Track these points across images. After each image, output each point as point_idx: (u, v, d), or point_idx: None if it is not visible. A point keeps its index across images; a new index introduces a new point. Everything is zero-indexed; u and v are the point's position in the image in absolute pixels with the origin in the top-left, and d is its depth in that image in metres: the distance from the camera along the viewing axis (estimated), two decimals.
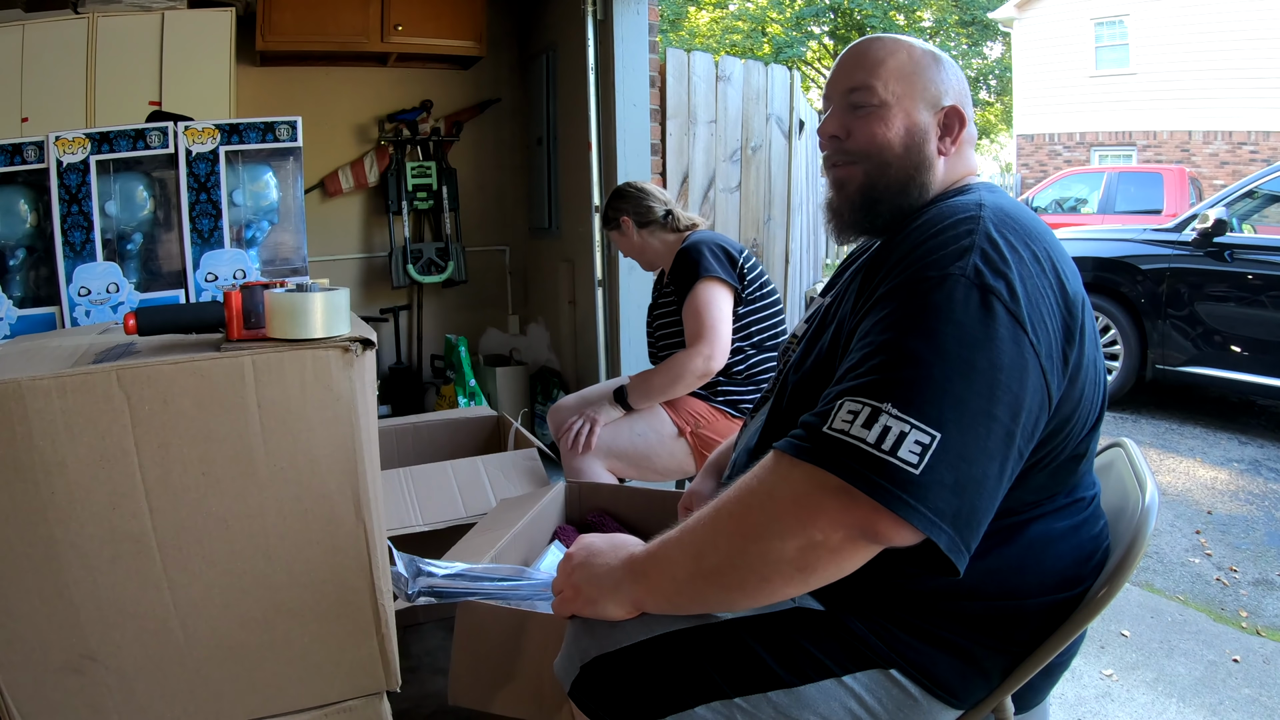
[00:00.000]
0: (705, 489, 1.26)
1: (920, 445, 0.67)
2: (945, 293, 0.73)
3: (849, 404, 0.71)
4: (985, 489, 0.69)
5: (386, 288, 3.73)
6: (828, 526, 0.70)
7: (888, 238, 0.89)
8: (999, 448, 0.70)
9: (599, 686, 0.85)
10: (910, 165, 0.93)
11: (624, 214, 2.08)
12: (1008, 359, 0.71)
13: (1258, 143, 10.50)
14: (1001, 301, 0.73)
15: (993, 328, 0.71)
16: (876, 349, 0.74)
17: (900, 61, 0.93)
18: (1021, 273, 0.75)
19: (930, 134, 0.93)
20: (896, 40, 0.96)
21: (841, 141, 0.95)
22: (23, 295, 2.17)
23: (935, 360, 0.70)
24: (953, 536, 0.68)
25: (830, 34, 17.51)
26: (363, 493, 1.06)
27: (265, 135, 2.34)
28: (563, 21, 3.24)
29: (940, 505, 0.67)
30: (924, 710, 0.83)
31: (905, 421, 0.68)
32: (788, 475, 0.73)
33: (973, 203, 0.83)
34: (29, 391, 0.91)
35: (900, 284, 0.77)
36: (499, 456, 1.99)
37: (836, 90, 0.97)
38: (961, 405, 0.69)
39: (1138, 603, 2.22)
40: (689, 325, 1.89)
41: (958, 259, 0.75)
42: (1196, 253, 3.86)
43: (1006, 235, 0.78)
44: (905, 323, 0.73)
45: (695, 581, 0.78)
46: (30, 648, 0.98)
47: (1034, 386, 0.73)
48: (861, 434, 0.69)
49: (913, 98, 0.93)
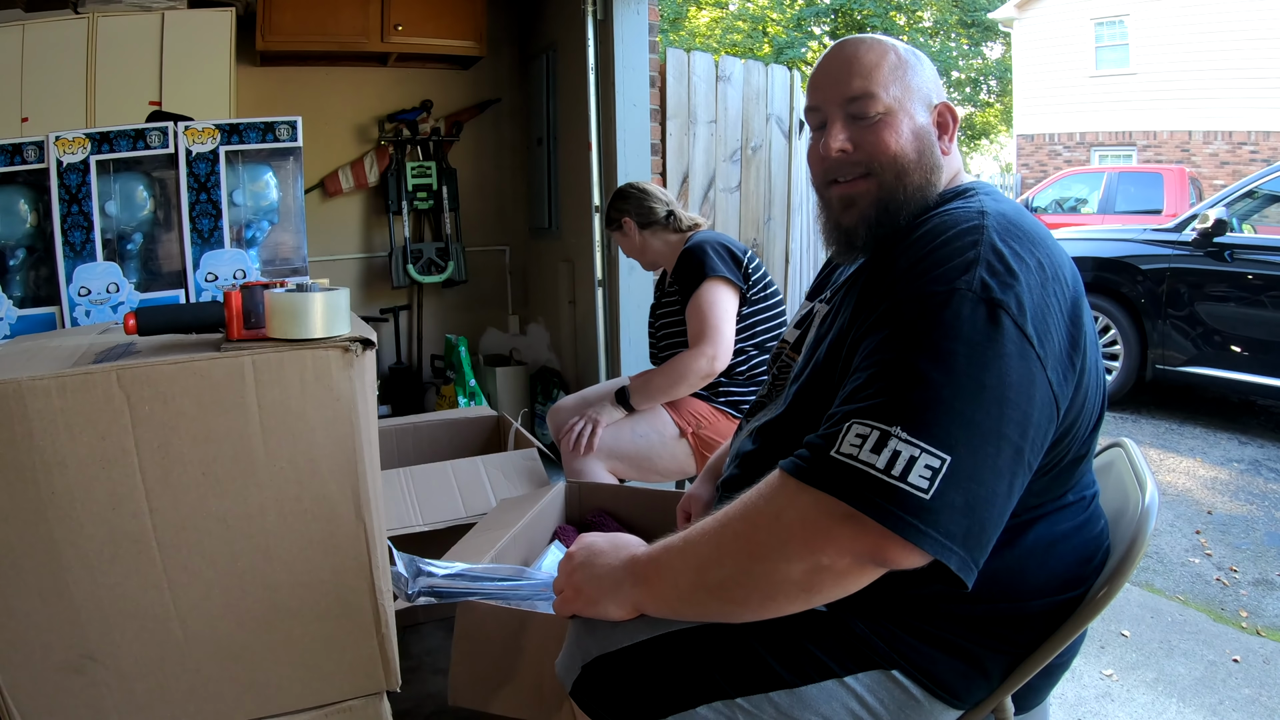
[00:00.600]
0: (703, 494, 1.26)
1: (930, 470, 0.67)
2: (953, 310, 0.72)
3: (857, 427, 0.70)
4: (994, 506, 0.69)
5: (386, 288, 3.73)
6: (835, 553, 0.69)
7: (888, 248, 0.87)
8: (1008, 465, 0.69)
9: (601, 686, 0.85)
10: (926, 169, 0.90)
11: (626, 215, 2.07)
12: (1015, 376, 0.70)
13: (1258, 143, 10.50)
14: (1009, 315, 0.72)
15: (1000, 344, 0.71)
16: (883, 369, 0.72)
17: (892, 63, 0.91)
18: (1029, 283, 0.74)
19: (934, 134, 0.92)
20: (880, 41, 0.93)
21: (850, 154, 0.91)
22: (23, 295, 2.18)
23: (944, 381, 0.69)
24: (963, 557, 0.67)
25: (830, 34, 17.50)
26: (363, 493, 1.06)
27: (265, 135, 2.34)
28: (563, 21, 3.24)
29: (951, 528, 0.67)
30: (925, 711, 0.83)
31: (915, 445, 0.67)
32: (795, 499, 0.72)
33: (975, 210, 0.81)
34: (29, 391, 0.91)
35: (905, 300, 0.75)
36: (499, 456, 1.99)
37: (832, 101, 0.92)
38: (971, 426, 0.68)
39: (1138, 603, 2.21)
40: (692, 325, 1.88)
41: (963, 273, 0.74)
42: (1196, 253, 3.86)
43: (1011, 244, 0.77)
44: (912, 341, 0.72)
45: (697, 593, 0.78)
46: (30, 648, 0.98)
47: (1041, 401, 0.72)
48: (870, 459, 0.68)
49: (911, 99, 0.91)
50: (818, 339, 0.94)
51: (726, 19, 17.94)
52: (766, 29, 17.30)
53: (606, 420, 1.94)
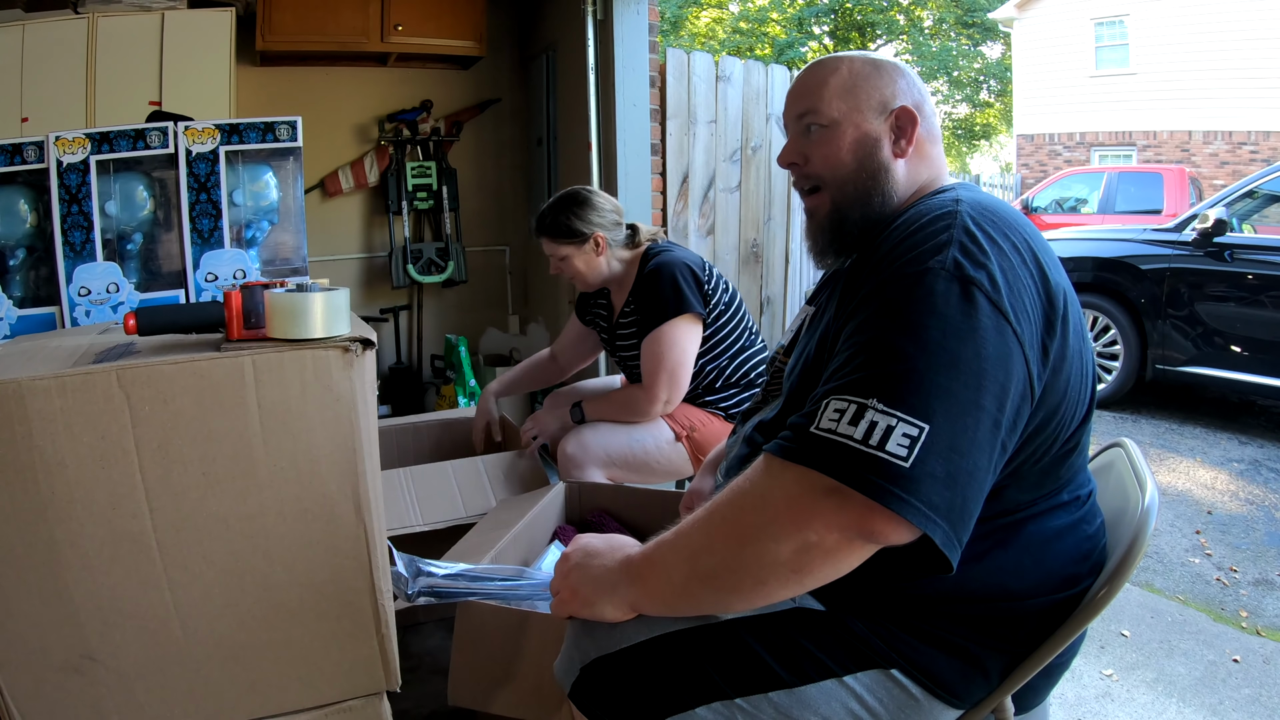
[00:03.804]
0: (705, 487, 1.27)
1: (908, 438, 0.67)
2: (926, 287, 0.73)
3: (835, 403, 0.71)
4: (976, 480, 0.69)
5: (386, 288, 3.73)
6: (822, 528, 0.69)
7: (869, 243, 0.90)
8: (987, 438, 0.70)
9: (599, 688, 0.85)
10: (866, 175, 0.94)
11: (600, 230, 1.88)
12: (992, 349, 0.71)
13: (1258, 143, 10.50)
14: (983, 292, 0.72)
15: (976, 318, 0.71)
16: (860, 348, 0.74)
17: (841, 79, 0.95)
18: (1001, 263, 0.75)
19: (883, 139, 0.94)
20: (837, 59, 0.98)
21: (800, 167, 0.98)
22: (23, 295, 2.17)
23: (919, 354, 0.70)
24: (947, 531, 0.67)
25: (830, 34, 17.51)
26: (363, 493, 1.06)
27: (265, 135, 2.34)
28: (563, 21, 3.24)
29: (934, 498, 0.67)
30: (924, 710, 0.83)
31: (892, 415, 0.68)
32: (779, 477, 0.72)
33: (949, 199, 0.83)
34: (29, 391, 0.91)
35: (881, 283, 0.77)
36: (499, 456, 1.99)
37: (789, 118, 1.00)
38: (949, 396, 0.69)
39: (1138, 603, 2.22)
40: (649, 363, 1.82)
41: (936, 253, 0.75)
42: (1196, 253, 3.86)
43: (984, 227, 0.78)
44: (887, 320, 0.73)
45: (691, 584, 0.78)
46: (30, 648, 0.98)
47: (1018, 376, 0.73)
48: (848, 431, 0.69)
49: (859, 110, 0.94)
50: (808, 337, 0.96)
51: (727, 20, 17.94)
52: (766, 29, 17.29)
53: (552, 429, 2.01)
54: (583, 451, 1.89)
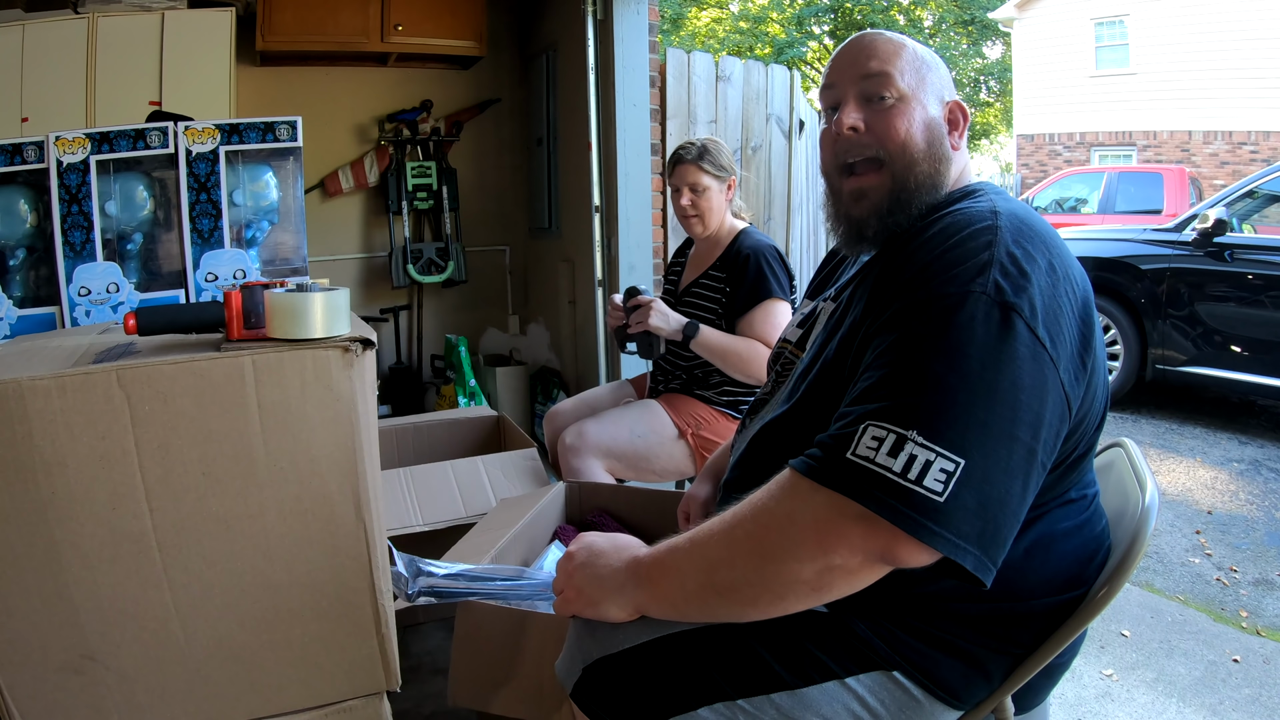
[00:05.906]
0: (702, 494, 1.26)
1: (945, 473, 0.67)
2: (967, 313, 0.72)
3: (873, 429, 0.70)
4: (1008, 506, 0.70)
5: (386, 288, 3.73)
6: (848, 552, 0.70)
7: (899, 245, 0.87)
8: (1020, 466, 0.70)
9: (601, 688, 0.85)
10: (936, 160, 0.90)
11: (734, 178, 2.00)
12: (1028, 378, 0.71)
13: (1258, 143, 10.50)
14: (1023, 318, 0.72)
15: (1013, 346, 0.71)
16: (898, 370, 0.73)
17: (911, 55, 0.92)
18: (1041, 285, 0.75)
19: (944, 128, 0.92)
20: (901, 36, 0.95)
21: (860, 135, 0.91)
22: (23, 295, 2.17)
23: (959, 385, 0.70)
24: (979, 556, 0.68)
25: (830, 34, 17.51)
26: (363, 493, 1.06)
27: (265, 135, 2.34)
28: (563, 21, 3.24)
29: (964, 528, 0.67)
30: (926, 711, 0.83)
31: (931, 450, 0.68)
32: (809, 499, 0.72)
33: (987, 210, 0.81)
34: (29, 391, 0.91)
35: (919, 301, 0.75)
36: (499, 456, 1.99)
37: (848, 78, 0.92)
38: (985, 429, 0.69)
39: (1138, 603, 2.22)
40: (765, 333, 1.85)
41: (978, 274, 0.74)
42: (1196, 253, 3.86)
43: (1025, 245, 0.77)
44: (927, 344, 0.72)
45: (705, 594, 0.78)
46: (30, 648, 0.98)
47: (1054, 402, 0.73)
48: (888, 463, 0.68)
49: (925, 91, 0.91)
50: (827, 335, 0.93)
51: (727, 20, 17.93)
52: (766, 29, 17.29)
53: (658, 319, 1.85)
54: (582, 441, 1.88)
